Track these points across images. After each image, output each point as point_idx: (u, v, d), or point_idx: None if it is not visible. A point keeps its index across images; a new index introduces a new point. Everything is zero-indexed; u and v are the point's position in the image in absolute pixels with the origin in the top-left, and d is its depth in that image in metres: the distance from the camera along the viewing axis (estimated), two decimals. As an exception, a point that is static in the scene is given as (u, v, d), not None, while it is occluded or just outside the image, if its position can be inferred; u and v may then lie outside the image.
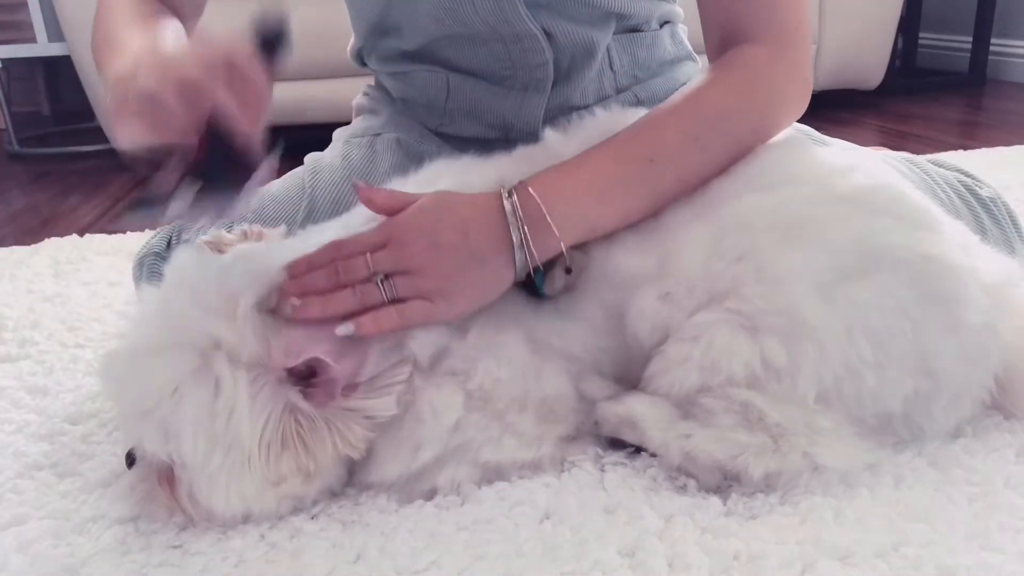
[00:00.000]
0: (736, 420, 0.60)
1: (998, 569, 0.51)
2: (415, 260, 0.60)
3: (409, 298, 0.60)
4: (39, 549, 0.59)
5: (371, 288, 0.60)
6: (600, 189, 0.64)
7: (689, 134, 0.66)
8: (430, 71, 0.88)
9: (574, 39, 0.83)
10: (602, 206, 0.64)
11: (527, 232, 0.61)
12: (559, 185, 0.63)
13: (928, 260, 0.60)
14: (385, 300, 0.60)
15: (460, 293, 0.61)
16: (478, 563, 0.54)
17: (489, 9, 0.79)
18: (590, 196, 0.64)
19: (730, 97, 0.68)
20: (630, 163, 0.65)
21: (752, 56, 0.70)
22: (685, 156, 0.66)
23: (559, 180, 0.64)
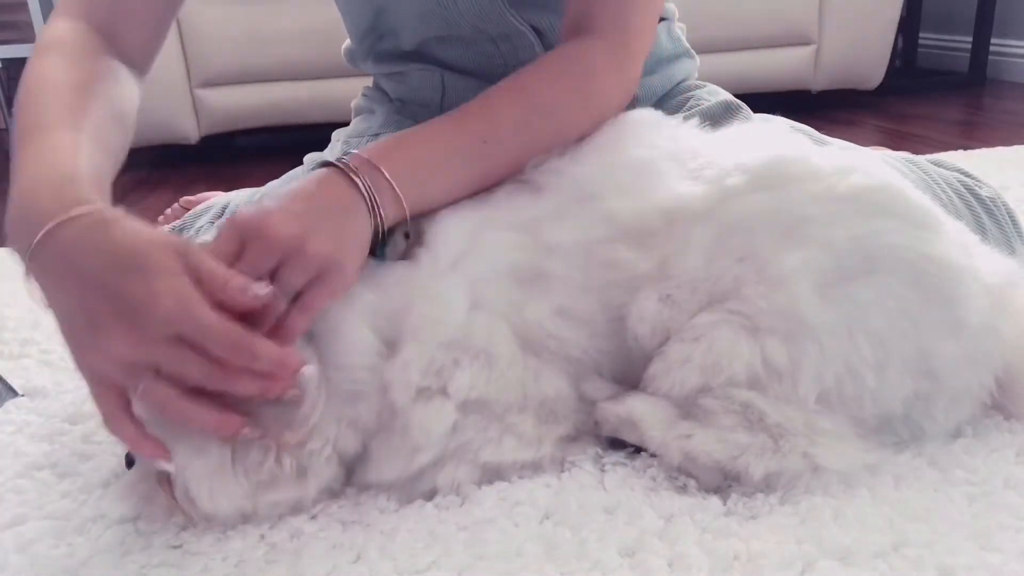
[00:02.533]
0: (736, 420, 0.60)
1: (998, 569, 0.51)
2: (290, 238, 0.54)
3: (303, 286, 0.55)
4: (39, 549, 0.59)
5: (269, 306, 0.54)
6: (431, 162, 0.64)
7: (521, 120, 0.67)
8: (425, 71, 0.88)
9: None
10: (432, 178, 0.64)
11: (376, 195, 0.60)
12: (389, 156, 0.62)
13: (929, 260, 0.60)
14: (286, 301, 0.55)
15: (345, 255, 0.57)
16: (478, 563, 0.54)
17: (473, 10, 0.79)
18: (420, 167, 0.64)
19: (562, 87, 0.70)
20: (464, 140, 0.66)
21: (593, 51, 0.71)
22: (515, 140, 0.67)
23: (390, 151, 0.63)
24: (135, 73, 0.74)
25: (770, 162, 0.65)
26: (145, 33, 0.75)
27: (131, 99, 0.72)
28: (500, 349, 0.62)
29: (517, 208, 0.66)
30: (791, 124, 0.93)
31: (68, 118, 0.61)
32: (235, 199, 0.97)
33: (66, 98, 0.63)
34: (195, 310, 0.50)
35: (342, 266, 0.57)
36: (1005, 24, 2.86)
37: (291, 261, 0.55)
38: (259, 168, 2.03)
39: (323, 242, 0.56)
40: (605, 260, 0.64)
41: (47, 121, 0.60)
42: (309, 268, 0.55)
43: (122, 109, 0.69)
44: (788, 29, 2.32)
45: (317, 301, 0.56)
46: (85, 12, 0.71)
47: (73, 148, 0.58)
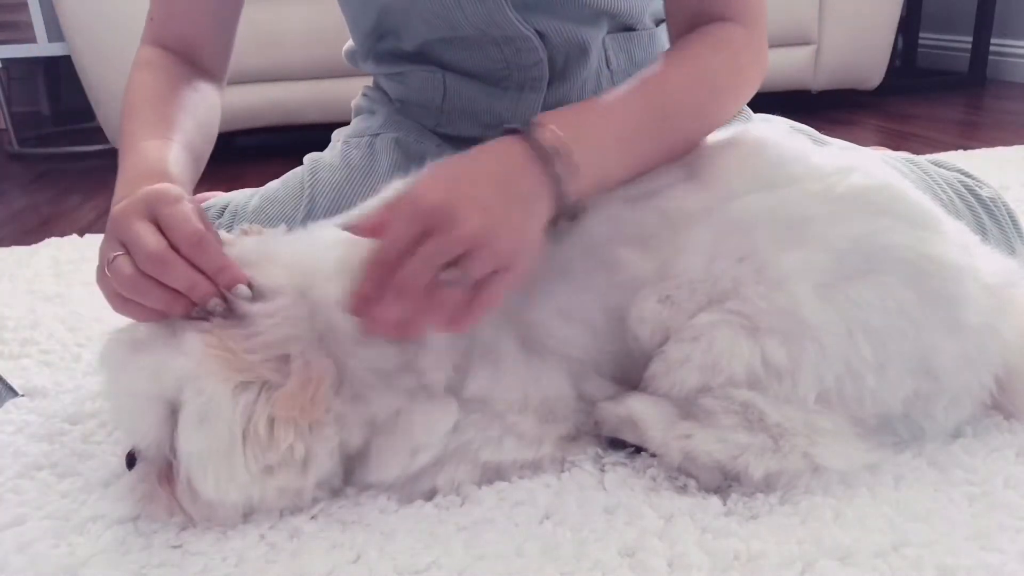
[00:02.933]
0: (736, 420, 0.60)
1: (998, 569, 0.51)
2: (475, 235, 0.53)
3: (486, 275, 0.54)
4: (39, 549, 0.59)
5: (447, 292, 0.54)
6: (614, 138, 0.62)
7: (693, 98, 0.67)
8: (426, 72, 0.88)
9: (567, 38, 0.83)
10: (618, 154, 0.63)
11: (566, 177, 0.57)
12: (582, 130, 0.60)
13: (929, 260, 0.60)
14: (464, 289, 0.54)
15: (530, 245, 0.57)
16: (478, 563, 0.54)
17: (478, 14, 0.79)
18: (611, 143, 0.62)
19: (723, 67, 0.70)
20: (647, 114, 0.64)
21: (732, 33, 0.72)
22: (688, 118, 0.67)
23: (582, 125, 0.61)
24: (214, 83, 0.85)
25: (770, 162, 0.65)
26: (214, 49, 0.85)
27: (214, 106, 0.83)
28: (504, 347, 0.62)
29: None
30: (791, 124, 0.93)
31: (161, 129, 0.71)
32: (235, 199, 0.97)
33: (157, 111, 0.74)
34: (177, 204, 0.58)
35: (525, 258, 0.56)
36: (1005, 24, 2.86)
37: (476, 253, 0.53)
38: (259, 168, 2.03)
39: (511, 237, 0.55)
40: (605, 260, 0.64)
41: (144, 133, 0.71)
42: (493, 262, 0.54)
43: (206, 116, 0.80)
44: (788, 29, 2.32)
45: (497, 291, 0.55)
46: (162, 38, 0.82)
47: (165, 154, 0.68)
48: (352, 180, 0.91)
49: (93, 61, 2.06)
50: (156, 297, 0.57)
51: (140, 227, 0.57)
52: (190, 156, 0.72)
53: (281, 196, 0.91)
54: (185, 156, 0.71)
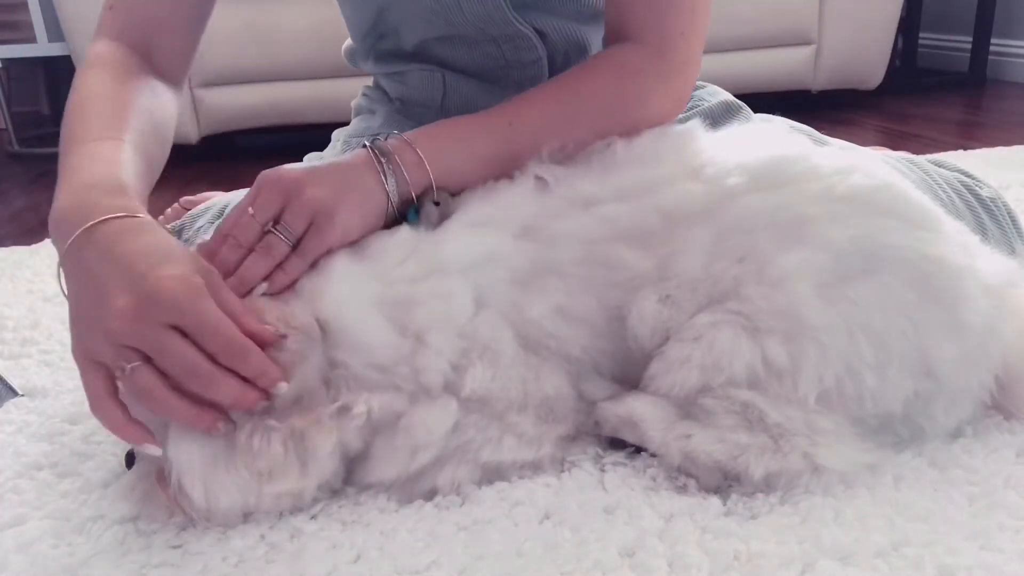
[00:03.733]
0: (736, 420, 0.60)
1: (998, 569, 0.51)
2: (290, 189, 0.61)
3: (303, 231, 0.61)
4: (39, 549, 0.59)
5: (271, 239, 0.60)
6: (456, 138, 0.69)
7: (550, 110, 0.70)
8: (426, 70, 0.88)
9: (566, 36, 0.83)
10: (461, 153, 0.68)
11: (388, 159, 0.65)
12: (420, 134, 0.68)
13: (929, 260, 0.60)
14: (288, 243, 0.61)
15: (342, 205, 0.62)
16: (478, 563, 0.54)
17: (477, 13, 0.79)
18: (446, 142, 0.68)
19: (597, 83, 0.71)
20: (492, 122, 0.70)
21: (627, 54, 0.73)
22: (543, 127, 0.69)
23: (422, 131, 0.69)
24: (172, 87, 0.80)
25: (770, 162, 0.65)
26: (177, 48, 0.80)
27: (169, 111, 0.77)
28: (504, 347, 0.62)
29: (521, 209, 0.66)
30: (791, 124, 0.93)
31: (111, 129, 0.66)
32: (235, 199, 0.97)
33: (108, 111, 0.68)
34: (201, 301, 0.53)
35: (333, 215, 0.61)
36: (1005, 24, 2.86)
37: (290, 204, 0.61)
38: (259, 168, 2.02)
39: (320, 189, 0.61)
40: (605, 260, 0.64)
41: (91, 132, 0.65)
42: (304, 211, 0.61)
43: (160, 120, 0.74)
44: (788, 29, 2.32)
45: (312, 245, 0.61)
46: (120, 34, 0.77)
47: (116, 156, 0.63)
48: None
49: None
50: (180, 412, 0.53)
51: (168, 339, 0.52)
52: (143, 160, 0.66)
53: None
54: (137, 159, 0.65)
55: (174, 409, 0.53)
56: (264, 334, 0.56)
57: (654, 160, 0.67)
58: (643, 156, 0.68)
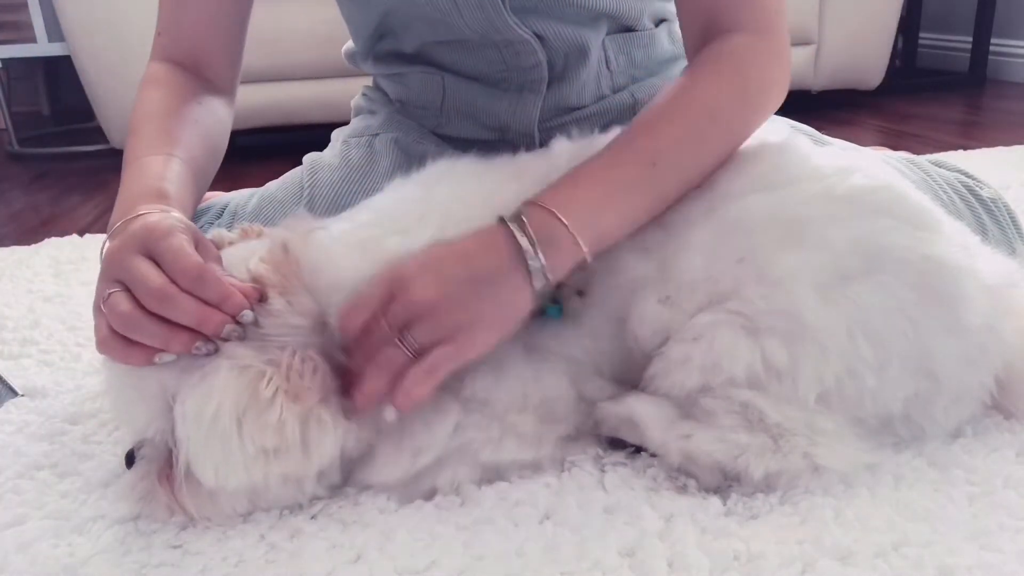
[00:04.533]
0: (736, 420, 0.60)
1: (998, 569, 0.51)
2: (425, 302, 0.56)
3: (429, 346, 0.56)
4: (39, 549, 0.59)
5: (393, 352, 0.56)
6: (605, 197, 0.62)
7: (686, 133, 0.65)
8: (426, 73, 0.88)
9: (566, 40, 0.83)
10: (609, 214, 0.62)
11: (538, 246, 0.58)
12: (563, 197, 0.61)
13: (929, 261, 0.60)
14: (409, 356, 0.56)
15: (479, 323, 0.57)
16: (478, 563, 0.54)
17: (477, 18, 0.79)
18: (596, 205, 0.61)
19: (721, 90, 0.68)
20: (632, 168, 0.63)
21: (738, 45, 0.70)
22: (684, 155, 0.65)
23: (562, 192, 0.61)
24: (224, 97, 0.84)
25: (770, 162, 0.65)
26: (223, 58, 0.84)
27: (220, 123, 0.82)
28: (505, 348, 0.62)
29: None
30: (791, 124, 0.93)
31: (162, 145, 0.71)
32: (235, 199, 0.97)
33: (160, 127, 0.73)
34: (171, 235, 0.57)
35: (473, 332, 0.57)
36: (1005, 24, 2.86)
37: (421, 321, 0.56)
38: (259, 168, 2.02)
39: (461, 313, 0.56)
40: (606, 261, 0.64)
41: (145, 149, 0.70)
42: (436, 331, 0.56)
43: (212, 131, 0.79)
44: (788, 29, 2.32)
45: (440, 365, 0.56)
46: (171, 53, 0.81)
47: (162, 170, 0.67)
48: (351, 180, 0.91)
49: (93, 61, 2.06)
50: (155, 333, 0.55)
51: (138, 263, 0.56)
52: (191, 172, 0.71)
53: (280, 196, 0.91)
54: (185, 172, 0.69)
55: (147, 330, 0.55)
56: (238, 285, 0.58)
57: None
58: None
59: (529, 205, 0.60)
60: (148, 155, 0.69)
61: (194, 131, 0.75)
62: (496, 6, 0.78)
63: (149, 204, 0.62)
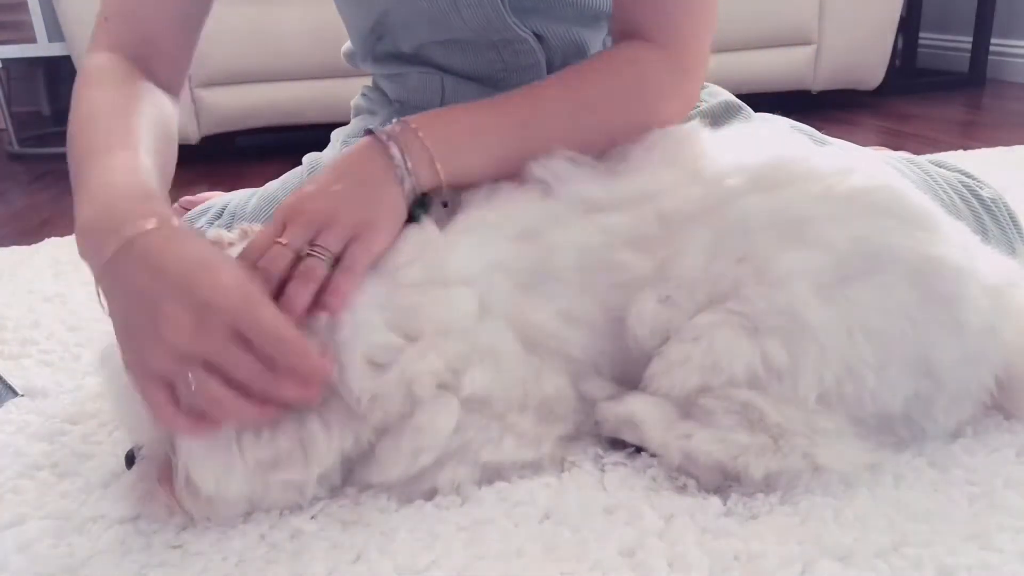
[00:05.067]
0: (736, 420, 0.60)
1: (998, 569, 0.51)
2: (321, 214, 0.60)
3: (342, 250, 0.59)
4: (39, 549, 0.59)
5: (311, 263, 0.58)
6: (470, 138, 0.67)
7: (564, 110, 0.69)
8: (425, 73, 0.88)
9: (565, 40, 0.83)
10: (469, 154, 0.67)
11: (408, 159, 0.63)
12: (435, 122, 0.66)
13: (929, 261, 0.60)
14: (327, 264, 0.59)
15: (376, 217, 0.61)
16: (478, 563, 0.54)
17: (476, 18, 0.79)
18: (459, 142, 0.66)
19: (611, 85, 0.70)
20: (506, 121, 0.68)
21: (641, 52, 0.72)
22: (557, 128, 0.68)
23: (433, 122, 0.66)
24: (170, 95, 0.79)
25: (770, 162, 0.65)
26: (172, 57, 0.79)
27: (172, 117, 0.78)
28: (505, 347, 0.62)
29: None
30: (791, 124, 0.93)
31: (122, 139, 0.66)
32: (235, 199, 0.97)
33: (116, 121, 0.68)
34: (257, 306, 0.54)
35: (375, 225, 0.61)
36: (1005, 24, 2.86)
37: (326, 230, 0.59)
38: (259, 168, 2.02)
39: (355, 210, 0.60)
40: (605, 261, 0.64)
41: (103, 144, 0.65)
42: (344, 232, 0.59)
43: (166, 127, 0.74)
44: (788, 29, 2.32)
45: (357, 258, 0.60)
46: (116, 44, 0.76)
47: (135, 164, 0.63)
48: None
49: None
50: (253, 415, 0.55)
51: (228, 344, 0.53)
52: (159, 169, 0.67)
53: (280, 196, 0.92)
54: (155, 169, 0.66)
55: (244, 414, 0.54)
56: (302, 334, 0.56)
57: (655, 161, 0.67)
58: (644, 157, 0.68)
59: (401, 124, 0.65)
60: (111, 149, 0.64)
61: (151, 124, 0.71)
62: (495, 6, 0.78)
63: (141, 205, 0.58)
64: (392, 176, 0.63)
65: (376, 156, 0.64)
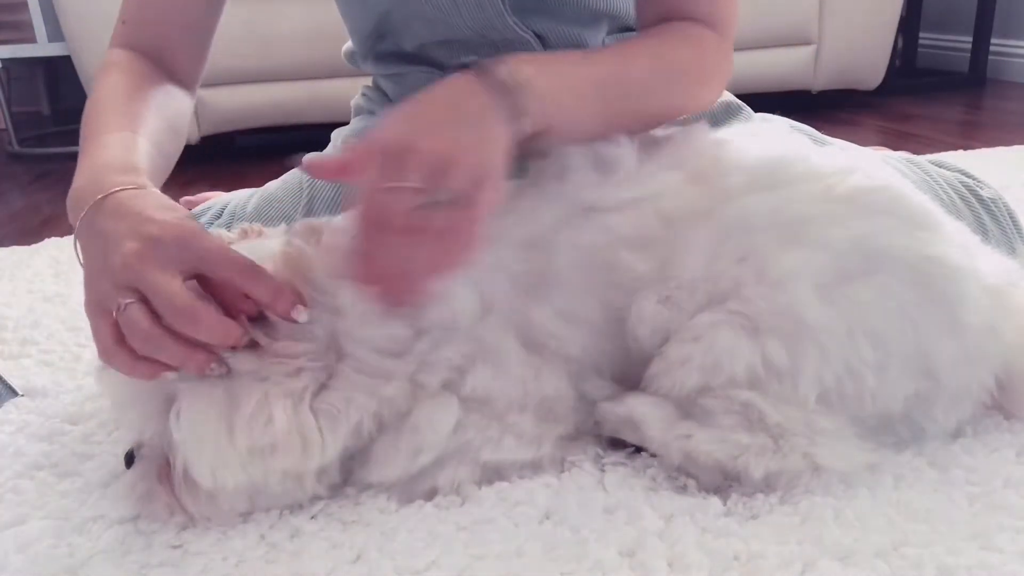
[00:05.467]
0: (737, 420, 0.60)
1: (998, 569, 0.51)
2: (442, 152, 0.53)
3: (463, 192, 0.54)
4: (39, 549, 0.59)
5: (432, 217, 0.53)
6: (577, 90, 0.64)
7: (646, 79, 0.69)
8: (425, 73, 0.88)
9: (566, 40, 0.83)
10: (576, 104, 0.64)
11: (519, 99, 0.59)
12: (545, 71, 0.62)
13: (929, 261, 0.60)
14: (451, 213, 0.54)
15: (490, 161, 0.56)
16: (478, 563, 0.54)
17: (476, 18, 0.79)
18: (568, 92, 0.64)
19: (683, 59, 0.72)
20: (604, 77, 0.67)
21: (702, 32, 0.74)
22: (641, 94, 0.69)
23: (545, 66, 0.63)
24: (185, 89, 0.82)
25: (770, 162, 0.65)
26: (188, 57, 0.82)
27: (183, 109, 0.80)
28: (505, 347, 0.62)
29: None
30: (791, 124, 0.93)
31: (127, 123, 0.68)
32: (235, 199, 0.97)
33: (124, 107, 0.71)
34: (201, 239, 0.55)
35: (492, 175, 0.56)
36: (1005, 24, 2.86)
37: (448, 171, 0.53)
38: (259, 168, 2.02)
39: (472, 152, 0.55)
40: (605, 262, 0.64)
41: (108, 126, 0.68)
42: (467, 175, 0.54)
43: (174, 117, 0.76)
44: (788, 29, 2.32)
45: (481, 206, 0.54)
46: (133, 42, 0.79)
47: (131, 144, 0.65)
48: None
49: (93, 61, 2.06)
50: (173, 353, 0.54)
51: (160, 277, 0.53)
52: (158, 153, 0.69)
53: (280, 196, 0.92)
54: (153, 152, 0.68)
55: (164, 346, 0.53)
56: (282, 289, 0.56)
57: (655, 161, 0.67)
58: (644, 157, 0.68)
59: (506, 63, 0.60)
60: (113, 131, 0.67)
61: (157, 114, 0.73)
62: (496, 6, 0.78)
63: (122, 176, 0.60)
64: (499, 119, 0.58)
65: (482, 95, 0.58)
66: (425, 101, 0.58)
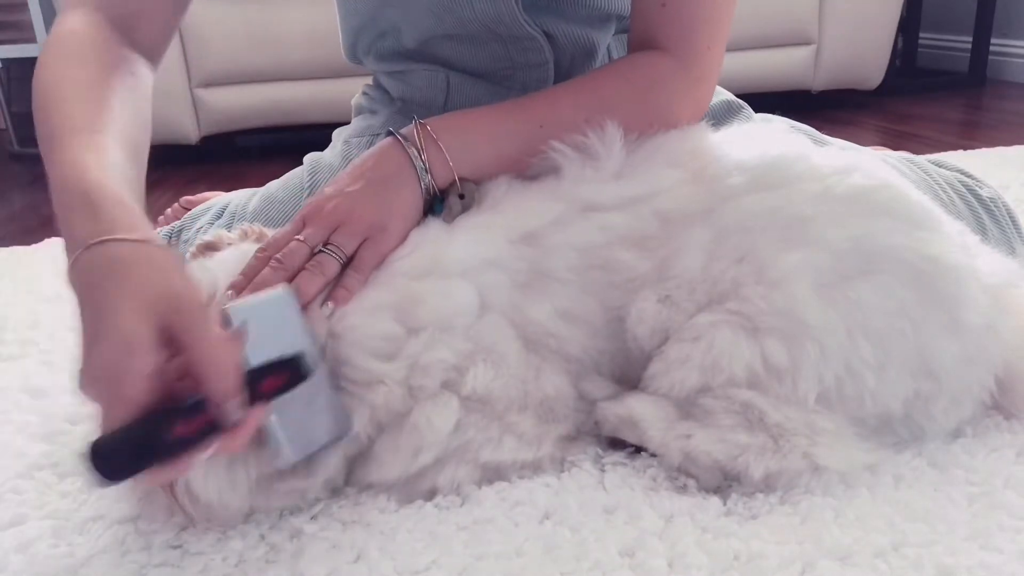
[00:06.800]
0: (736, 420, 0.60)
1: (998, 569, 0.51)
2: (337, 215, 0.64)
3: (355, 250, 0.63)
4: (39, 549, 0.59)
5: (323, 259, 0.62)
6: (489, 135, 0.70)
7: (579, 113, 0.70)
8: (429, 70, 0.88)
9: (574, 39, 0.83)
10: (488, 148, 0.70)
11: (423, 158, 0.67)
12: (451, 124, 0.70)
13: (928, 261, 0.60)
14: (339, 262, 0.62)
15: (391, 217, 0.65)
16: (478, 563, 0.54)
17: (487, 12, 0.79)
18: (479, 137, 0.70)
19: (625, 91, 0.72)
20: (520, 122, 0.71)
21: (657, 62, 0.73)
22: (571, 130, 0.70)
23: (453, 121, 0.70)
24: (150, 65, 0.75)
25: (770, 162, 0.65)
26: (158, 24, 0.75)
27: (147, 90, 0.73)
28: (505, 347, 0.62)
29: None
30: (791, 124, 0.93)
31: (94, 120, 0.61)
32: (235, 199, 0.97)
33: (89, 96, 0.63)
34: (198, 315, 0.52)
35: (386, 227, 0.64)
36: (1005, 24, 2.86)
37: (340, 229, 0.64)
38: (259, 168, 2.02)
39: (369, 211, 0.64)
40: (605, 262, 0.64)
41: (74, 122, 0.60)
42: (356, 233, 0.64)
43: (140, 101, 0.70)
44: (788, 29, 2.32)
45: (366, 259, 0.63)
46: (99, 4, 0.71)
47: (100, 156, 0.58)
48: None
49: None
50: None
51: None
52: (130, 153, 0.62)
53: (281, 196, 0.91)
54: (124, 156, 0.61)
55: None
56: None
57: (655, 161, 0.67)
58: (644, 156, 0.68)
59: (418, 124, 0.69)
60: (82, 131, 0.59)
61: (126, 104, 0.66)
62: (508, 2, 0.78)
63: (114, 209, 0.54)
64: (409, 175, 0.67)
65: (394, 156, 0.67)
66: (353, 166, 0.69)
